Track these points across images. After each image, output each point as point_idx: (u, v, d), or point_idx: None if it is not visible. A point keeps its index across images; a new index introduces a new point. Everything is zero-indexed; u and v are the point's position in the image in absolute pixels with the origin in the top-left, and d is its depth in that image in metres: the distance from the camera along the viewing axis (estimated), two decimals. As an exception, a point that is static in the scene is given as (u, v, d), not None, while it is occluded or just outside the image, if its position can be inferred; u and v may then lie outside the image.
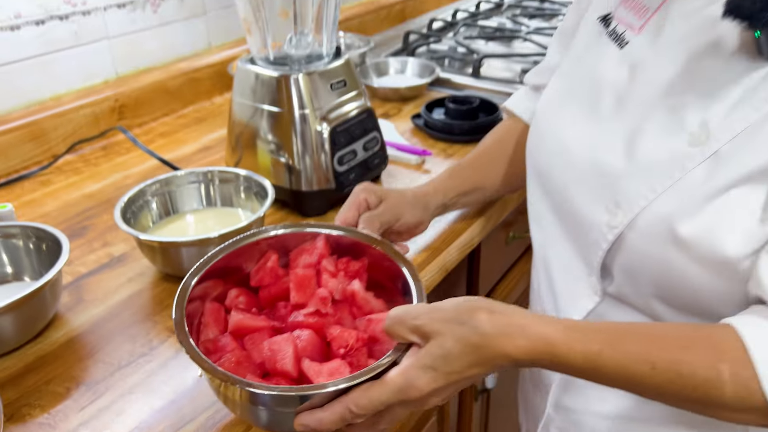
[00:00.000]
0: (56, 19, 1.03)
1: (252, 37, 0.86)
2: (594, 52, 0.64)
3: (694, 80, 0.52)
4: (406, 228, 0.72)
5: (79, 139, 1.06)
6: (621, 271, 0.57)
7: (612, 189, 0.56)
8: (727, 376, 0.44)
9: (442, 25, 1.65)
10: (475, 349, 0.47)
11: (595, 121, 0.60)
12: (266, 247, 0.61)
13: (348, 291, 0.57)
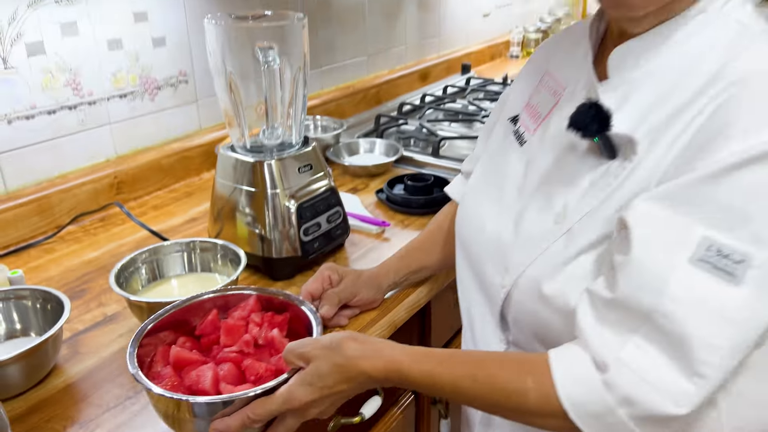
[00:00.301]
0: (66, 108, 1.19)
1: (232, 129, 1.01)
2: (504, 147, 0.80)
3: (561, 173, 0.68)
4: (362, 303, 0.89)
5: (80, 212, 1.21)
6: (513, 322, 0.72)
7: (504, 257, 0.71)
8: (530, 386, 0.58)
9: (411, 108, 1.84)
10: (341, 368, 0.62)
11: (500, 204, 0.75)
12: (211, 305, 0.78)
13: (269, 337, 0.73)
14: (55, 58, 1.15)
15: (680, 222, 0.54)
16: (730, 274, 0.52)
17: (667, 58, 0.62)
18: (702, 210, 0.54)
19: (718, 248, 0.52)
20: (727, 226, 0.53)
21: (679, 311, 0.53)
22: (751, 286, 0.52)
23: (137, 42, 1.28)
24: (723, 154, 0.53)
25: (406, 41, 2.10)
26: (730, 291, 0.52)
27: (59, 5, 1.13)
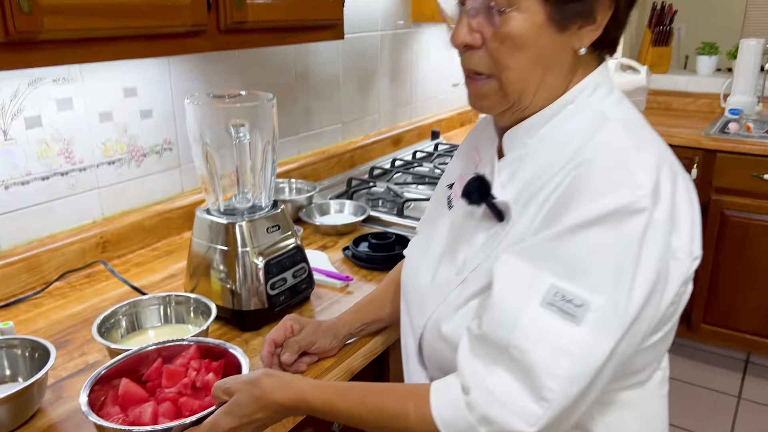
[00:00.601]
0: (58, 175, 1.31)
1: (208, 194, 1.13)
2: (438, 210, 0.94)
3: (464, 232, 0.82)
4: (320, 350, 1.00)
5: (67, 269, 1.31)
6: (427, 360, 0.85)
7: (422, 302, 0.85)
8: (411, 409, 0.70)
9: (381, 172, 1.98)
10: (258, 399, 0.74)
11: (426, 258, 0.89)
12: (157, 355, 0.88)
13: (205, 380, 0.84)
14: (51, 130, 1.27)
15: (533, 271, 0.67)
16: (572, 315, 0.64)
17: (545, 140, 0.77)
18: (551, 262, 0.67)
19: (563, 294, 0.65)
20: (570, 275, 0.65)
21: (529, 345, 0.64)
22: (588, 326, 0.64)
23: (126, 114, 1.41)
24: (569, 217, 0.67)
25: (379, 109, 2.26)
26: (571, 330, 0.64)
27: (57, 84, 1.27)
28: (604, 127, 0.73)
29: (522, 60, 0.73)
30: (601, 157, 0.69)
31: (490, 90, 0.76)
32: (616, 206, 0.65)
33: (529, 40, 0.72)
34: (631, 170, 0.67)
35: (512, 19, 0.71)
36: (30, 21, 0.85)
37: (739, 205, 2.56)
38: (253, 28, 1.22)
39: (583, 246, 0.66)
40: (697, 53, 3.19)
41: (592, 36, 0.74)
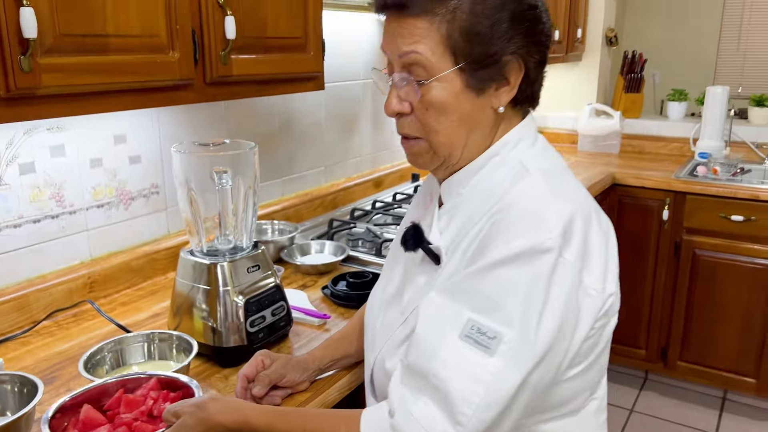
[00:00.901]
0: (49, 218, 1.37)
1: (192, 236, 1.20)
2: (395, 253, 1.02)
3: (411, 275, 0.91)
4: (289, 384, 1.06)
5: (55, 309, 1.36)
6: (378, 395, 0.92)
7: (374, 340, 0.93)
8: (343, 430, 0.77)
9: (362, 213, 2.05)
10: (202, 421, 0.80)
11: (381, 299, 0.97)
12: (119, 387, 0.94)
13: (162, 409, 0.89)
14: (44, 175, 1.34)
15: (454, 306, 0.75)
16: (486, 347, 0.71)
17: (474, 190, 0.86)
18: (470, 298, 0.74)
19: (479, 327, 0.72)
20: (486, 310, 0.73)
21: (447, 374, 0.72)
22: (501, 357, 0.71)
23: (116, 160, 1.48)
24: (486, 257, 0.75)
25: (361, 153, 2.35)
26: (485, 360, 0.71)
27: (50, 132, 1.34)
28: (524, 178, 0.82)
29: (447, 123, 0.82)
30: (518, 204, 0.78)
31: (421, 150, 0.86)
32: (527, 246, 0.73)
33: (450, 105, 0.81)
34: (543, 215, 0.76)
35: (433, 89, 0.81)
36: (29, 78, 0.93)
37: (709, 245, 2.65)
38: (237, 81, 1.30)
39: (497, 283, 0.74)
40: (668, 99, 3.34)
41: (509, 95, 0.83)
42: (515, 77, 0.83)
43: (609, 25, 3.41)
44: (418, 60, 0.80)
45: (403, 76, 0.82)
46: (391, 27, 0.83)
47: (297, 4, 1.40)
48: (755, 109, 3.12)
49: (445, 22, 0.79)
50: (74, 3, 0.97)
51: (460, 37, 0.79)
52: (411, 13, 0.80)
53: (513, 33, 0.80)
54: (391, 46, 0.83)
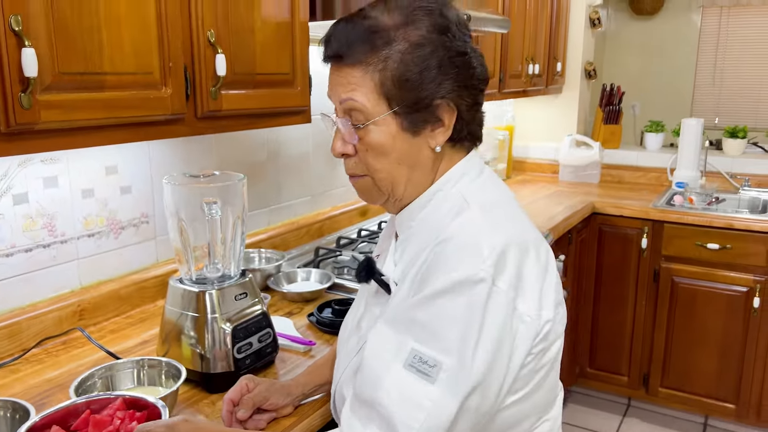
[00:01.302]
0: (41, 247, 1.40)
1: (181, 265, 1.24)
2: (365, 287, 1.05)
3: (368, 306, 0.97)
4: (273, 407, 1.09)
5: (45, 336, 1.38)
6: (339, 419, 0.95)
7: (338, 368, 0.98)
8: None
9: (347, 241, 2.10)
10: None
11: (346, 332, 1.03)
12: (85, 407, 0.96)
13: (129, 428, 0.92)
14: (36, 206, 1.38)
15: (398, 337, 0.79)
16: (427, 375, 0.76)
17: (422, 224, 0.92)
18: (412, 328, 0.79)
19: (420, 356, 0.77)
20: (427, 340, 0.77)
21: (391, 402, 0.76)
22: (440, 384, 0.76)
23: (107, 191, 1.52)
24: (427, 288, 0.80)
25: (346, 183, 2.39)
26: (426, 387, 0.76)
27: (44, 163, 1.38)
28: (464, 211, 0.86)
29: (386, 162, 0.89)
30: (457, 237, 0.83)
31: (366, 186, 0.93)
32: (462, 277, 0.78)
33: (388, 146, 0.87)
34: (479, 247, 0.80)
35: (371, 132, 0.87)
36: (29, 114, 0.98)
37: (687, 273, 2.72)
38: (227, 115, 1.36)
39: (436, 313, 0.79)
40: (645, 130, 3.44)
41: (444, 136, 0.89)
42: (449, 118, 0.88)
43: (588, 59, 3.53)
44: (356, 106, 0.87)
45: (344, 121, 0.89)
46: (333, 76, 0.90)
47: (285, 41, 1.47)
48: (729, 141, 3.22)
49: (378, 71, 0.85)
50: (73, 43, 1.02)
51: (392, 84, 0.85)
52: (346, 63, 0.86)
53: (442, 78, 0.86)
54: (334, 93, 0.90)
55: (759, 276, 2.59)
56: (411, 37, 0.85)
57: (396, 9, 0.86)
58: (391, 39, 0.84)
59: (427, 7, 0.86)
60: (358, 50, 0.85)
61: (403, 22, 0.85)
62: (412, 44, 0.84)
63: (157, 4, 1.16)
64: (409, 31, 0.85)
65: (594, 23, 3.45)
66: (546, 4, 2.97)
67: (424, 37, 0.85)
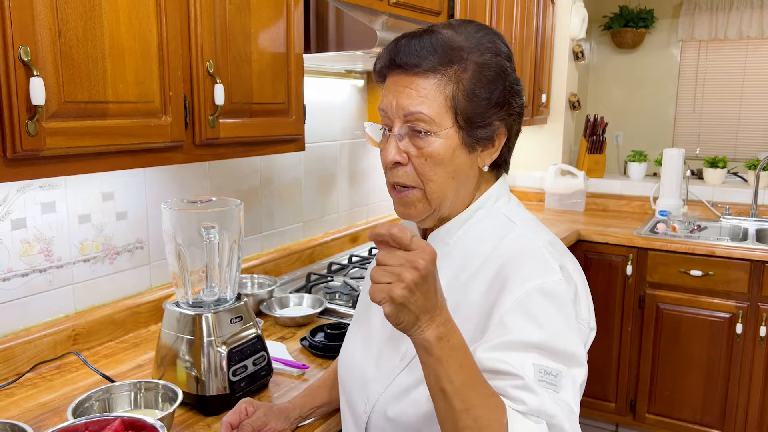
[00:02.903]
0: (37, 272, 1.42)
1: (178, 289, 1.26)
2: (368, 304, 1.07)
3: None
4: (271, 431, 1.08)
5: (40, 361, 1.39)
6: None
7: (366, 389, 0.97)
8: None
9: (339, 267, 2.12)
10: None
11: (366, 349, 1.02)
12: (84, 428, 0.96)
13: None
14: (34, 231, 1.40)
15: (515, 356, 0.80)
16: (555, 385, 0.79)
17: (462, 240, 0.95)
18: (528, 349, 0.81)
19: (545, 369, 0.79)
20: (543, 354, 0.81)
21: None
22: (566, 389, 0.80)
23: (103, 216, 1.55)
24: (506, 302, 0.83)
25: (338, 209, 2.44)
26: (557, 395, 0.79)
27: (43, 189, 1.40)
28: (512, 229, 0.93)
29: (442, 174, 0.90)
30: (521, 253, 0.89)
31: (415, 198, 0.93)
32: (543, 286, 0.83)
33: (447, 158, 0.90)
34: (545, 259, 0.87)
35: (434, 142, 0.89)
36: (35, 141, 1.01)
37: (672, 299, 2.77)
38: (224, 143, 1.39)
39: (534, 325, 0.82)
40: (628, 160, 3.52)
41: (492, 156, 0.94)
42: (500, 141, 0.94)
43: (572, 91, 3.62)
44: (423, 117, 0.88)
45: (405, 129, 0.90)
46: (398, 86, 0.90)
47: (280, 72, 1.52)
48: (709, 170, 3.31)
49: (452, 83, 0.88)
50: (78, 73, 1.06)
51: (463, 97, 0.88)
52: (419, 72, 0.88)
53: (504, 101, 0.91)
54: (397, 102, 0.89)
55: (741, 302, 2.64)
56: (481, 58, 0.90)
57: (464, 33, 0.91)
58: (464, 57, 0.89)
59: (490, 36, 0.92)
60: (434, 60, 0.87)
61: (473, 45, 0.90)
62: (482, 64, 0.89)
63: (159, 35, 1.21)
64: (479, 53, 0.90)
65: (577, 56, 3.56)
66: (530, 39, 3.06)
67: (492, 60, 0.90)
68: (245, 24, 1.39)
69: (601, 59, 4.76)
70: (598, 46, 4.75)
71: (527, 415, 0.76)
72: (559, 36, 3.46)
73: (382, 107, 0.93)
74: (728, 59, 4.43)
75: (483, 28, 0.93)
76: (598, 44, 4.74)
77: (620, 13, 4.48)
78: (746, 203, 3.15)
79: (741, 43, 4.36)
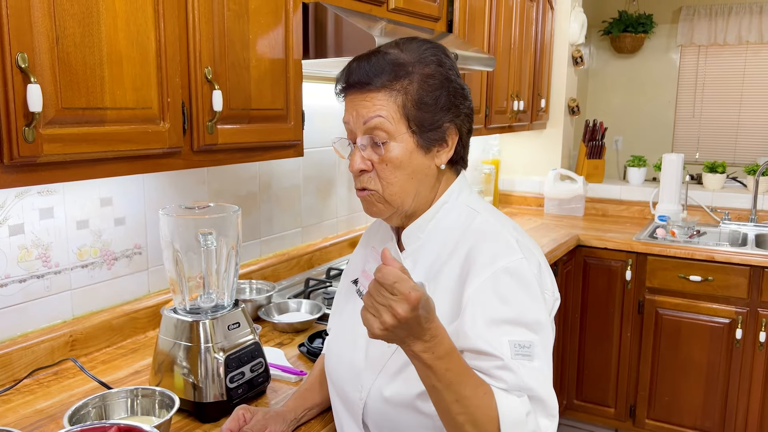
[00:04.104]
0: (35, 278, 1.42)
1: (176, 295, 1.26)
2: (349, 302, 1.13)
3: None
4: None
5: (37, 367, 1.38)
6: (372, 426, 1.00)
7: (359, 378, 1.02)
8: None
9: (337, 272, 2.12)
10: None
11: (353, 343, 1.06)
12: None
13: None
14: (32, 236, 1.40)
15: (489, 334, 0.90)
16: (529, 356, 0.89)
17: (433, 233, 1.05)
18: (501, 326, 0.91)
19: (519, 343, 0.89)
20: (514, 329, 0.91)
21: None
22: (539, 357, 0.91)
23: (101, 222, 1.54)
24: (473, 283, 0.93)
25: (337, 214, 2.44)
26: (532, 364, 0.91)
27: (41, 195, 1.40)
28: (476, 217, 1.04)
29: (401, 176, 1.01)
30: (484, 237, 1.00)
31: (374, 199, 1.03)
32: (507, 265, 0.94)
33: (405, 161, 1.00)
34: (507, 240, 0.99)
35: (392, 149, 1.00)
36: (32, 147, 1.01)
37: (671, 305, 2.76)
38: (222, 149, 1.39)
39: (502, 303, 0.94)
40: (627, 165, 3.52)
41: (448, 155, 1.05)
42: (452, 140, 1.04)
43: (571, 96, 3.63)
44: (381, 123, 0.98)
45: (366, 139, 1.01)
46: (356, 101, 1.01)
47: (279, 78, 1.52)
48: (708, 175, 3.31)
49: (401, 95, 0.99)
50: (76, 79, 1.06)
51: (412, 105, 0.99)
52: (372, 88, 0.99)
53: (450, 105, 1.02)
54: (357, 115, 1.01)
55: (740, 308, 2.64)
56: (424, 70, 1.01)
57: (408, 50, 1.02)
58: (409, 71, 1.00)
59: (432, 50, 1.03)
60: (384, 77, 0.99)
61: (417, 60, 1.01)
62: (426, 75, 1.00)
63: (157, 41, 1.21)
64: (422, 66, 1.01)
65: (576, 61, 3.56)
66: (530, 43, 3.07)
67: (435, 71, 1.01)
68: (244, 30, 1.39)
69: (600, 64, 4.76)
70: (598, 51, 4.75)
71: (510, 391, 0.88)
72: (559, 41, 3.46)
73: (345, 120, 1.04)
74: (727, 64, 4.43)
75: (426, 42, 1.04)
76: (598, 49, 4.75)
77: (619, 18, 4.49)
78: (745, 208, 3.15)
79: (740, 48, 4.36)
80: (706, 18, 4.38)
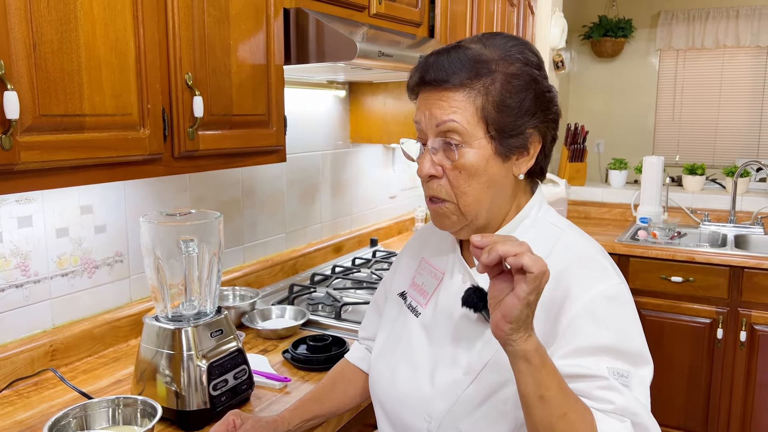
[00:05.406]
0: (14, 287, 1.40)
1: (157, 303, 1.24)
2: (401, 318, 1.06)
3: (461, 336, 0.95)
4: None
5: (16, 378, 1.36)
6: None
7: (426, 406, 0.95)
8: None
9: (322, 278, 2.12)
10: None
11: (412, 365, 1.00)
12: None
13: None
14: (10, 245, 1.38)
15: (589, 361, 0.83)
16: (627, 386, 0.81)
17: None
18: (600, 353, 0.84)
19: (617, 371, 0.82)
20: (615, 357, 0.84)
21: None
22: (636, 388, 0.83)
23: (82, 230, 1.53)
24: (572, 310, 0.85)
25: (321, 220, 2.44)
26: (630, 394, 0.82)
27: (19, 203, 1.39)
28: (562, 236, 0.96)
29: (476, 185, 0.91)
30: (574, 257, 0.92)
31: (449, 211, 0.94)
32: (606, 291, 0.87)
33: (481, 169, 0.91)
34: (600, 262, 0.92)
35: (467, 153, 0.90)
36: (9, 155, 0.99)
37: (654, 305, 2.79)
38: (204, 155, 1.38)
39: (604, 329, 0.85)
40: (609, 168, 3.56)
41: (528, 165, 0.94)
42: (534, 148, 0.94)
43: (553, 100, 3.65)
44: (455, 127, 0.89)
45: (438, 142, 0.92)
46: (430, 100, 0.92)
47: (261, 84, 1.51)
48: (688, 177, 3.35)
49: (481, 96, 0.89)
50: (54, 86, 1.05)
51: (493, 108, 0.90)
52: (449, 87, 0.90)
53: (536, 109, 0.92)
54: (429, 116, 0.92)
55: (721, 308, 2.67)
56: (509, 69, 0.91)
57: (492, 46, 0.92)
58: (492, 69, 0.90)
59: (519, 46, 0.93)
60: (463, 75, 0.89)
61: (501, 57, 0.91)
62: (510, 75, 0.90)
63: (137, 47, 1.20)
64: (507, 64, 0.91)
65: (557, 65, 3.59)
66: (511, 48, 3.08)
67: (520, 69, 0.91)
68: (224, 36, 1.39)
69: (581, 68, 4.81)
70: (578, 55, 4.80)
71: (609, 414, 0.79)
72: (540, 46, 3.49)
73: (416, 120, 0.95)
74: (705, 67, 4.50)
75: (511, 38, 0.94)
76: (578, 53, 4.80)
77: (599, 22, 4.54)
78: (725, 209, 3.19)
79: (717, 52, 4.43)
80: (684, 22, 4.44)
